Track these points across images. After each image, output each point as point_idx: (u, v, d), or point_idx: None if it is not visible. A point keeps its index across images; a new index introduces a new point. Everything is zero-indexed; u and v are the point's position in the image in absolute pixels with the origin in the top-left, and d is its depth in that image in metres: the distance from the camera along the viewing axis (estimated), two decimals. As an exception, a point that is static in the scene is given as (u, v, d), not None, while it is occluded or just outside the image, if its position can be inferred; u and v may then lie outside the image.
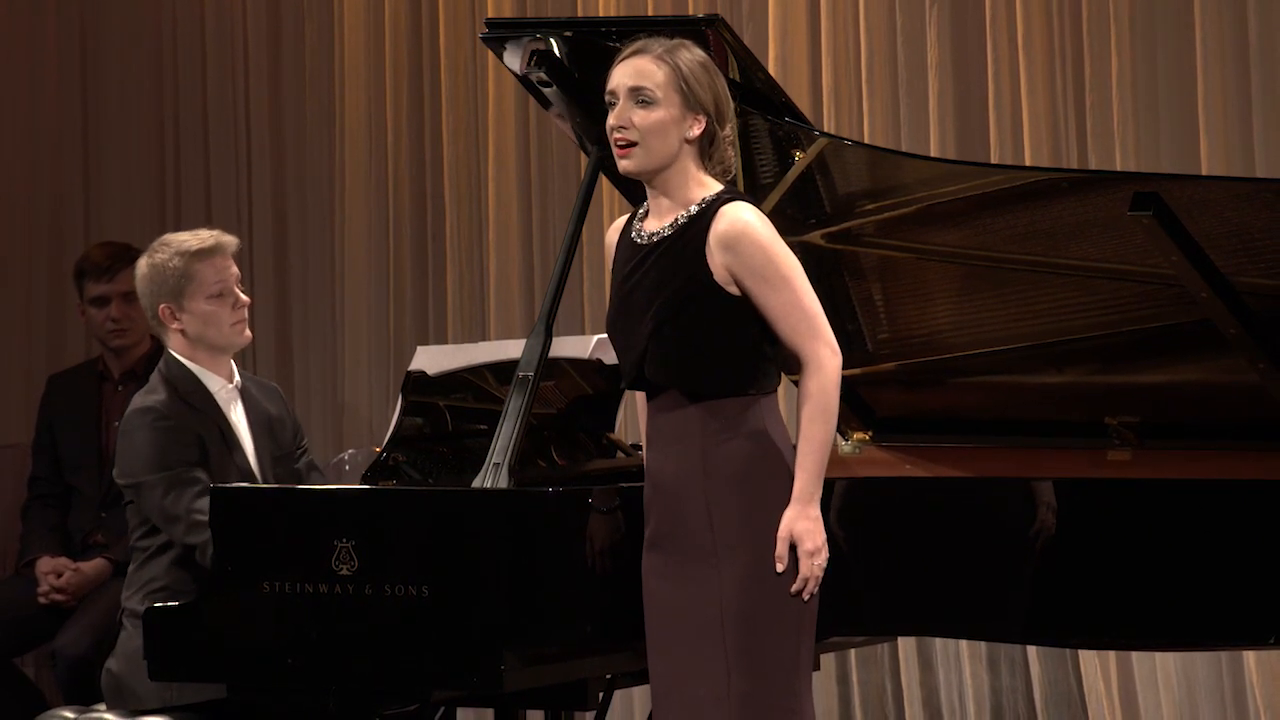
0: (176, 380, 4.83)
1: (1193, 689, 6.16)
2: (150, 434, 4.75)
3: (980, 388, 4.94)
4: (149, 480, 4.73)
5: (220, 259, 4.87)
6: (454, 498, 4.36)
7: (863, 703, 6.58)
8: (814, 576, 3.98)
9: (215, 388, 4.86)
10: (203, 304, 4.84)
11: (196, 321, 4.85)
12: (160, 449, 4.72)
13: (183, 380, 4.83)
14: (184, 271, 4.83)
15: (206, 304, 4.84)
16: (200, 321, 4.84)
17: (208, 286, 4.84)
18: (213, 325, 4.85)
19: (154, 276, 4.86)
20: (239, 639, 4.37)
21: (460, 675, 4.24)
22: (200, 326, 4.85)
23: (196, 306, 4.84)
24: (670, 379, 4.03)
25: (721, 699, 3.96)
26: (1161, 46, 6.21)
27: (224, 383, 4.88)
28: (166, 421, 4.75)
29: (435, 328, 7.24)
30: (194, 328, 4.85)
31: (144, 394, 4.84)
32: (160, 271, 4.85)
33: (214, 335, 4.85)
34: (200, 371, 4.85)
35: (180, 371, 4.84)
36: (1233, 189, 4.52)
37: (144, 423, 4.76)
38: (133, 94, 7.67)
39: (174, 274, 4.83)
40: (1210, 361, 4.58)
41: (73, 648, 5.78)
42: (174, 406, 4.78)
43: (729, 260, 3.98)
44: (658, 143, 4.01)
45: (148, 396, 4.82)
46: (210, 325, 4.85)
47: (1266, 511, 4.22)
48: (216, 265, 4.86)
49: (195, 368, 4.85)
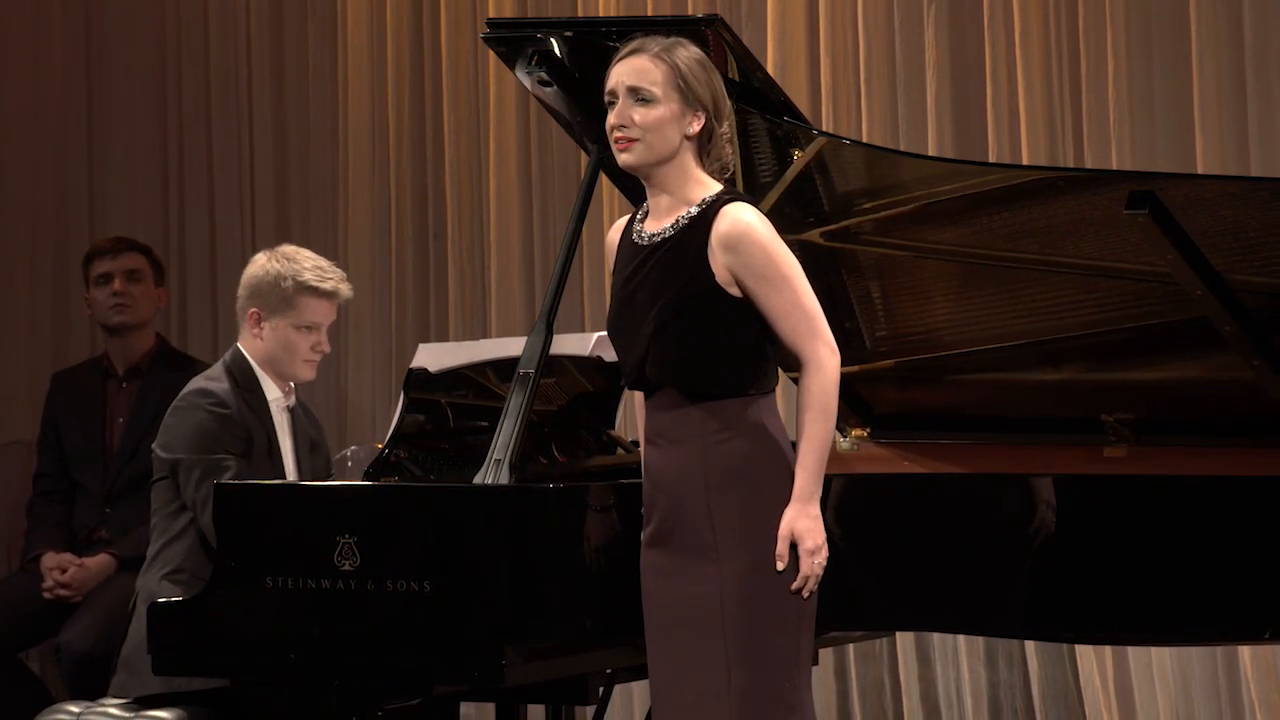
0: (239, 375, 4.90)
1: (1188, 684, 6.16)
2: (204, 416, 4.81)
3: (977, 385, 4.95)
4: (188, 460, 4.79)
5: (328, 303, 4.96)
6: (455, 494, 4.36)
7: (861, 697, 6.58)
8: (814, 574, 3.99)
9: (272, 396, 4.94)
10: (289, 331, 4.92)
11: (276, 341, 4.93)
12: (209, 433, 4.79)
13: (245, 377, 4.91)
14: (291, 296, 4.91)
15: (293, 332, 4.93)
16: (279, 344, 4.93)
17: (303, 319, 4.92)
18: (288, 352, 4.94)
19: (263, 280, 4.94)
20: (242, 633, 4.38)
21: (461, 670, 4.24)
22: (276, 348, 4.93)
23: (283, 329, 4.92)
24: (671, 379, 4.04)
25: (722, 695, 3.97)
26: (1157, 47, 6.22)
27: (280, 395, 4.95)
28: (223, 409, 4.82)
29: (437, 325, 7.25)
30: (270, 345, 4.94)
31: (205, 378, 4.91)
32: (271, 281, 4.93)
33: (284, 361, 4.94)
34: (262, 377, 4.94)
35: (245, 367, 4.93)
36: (1228, 188, 4.53)
37: (201, 404, 4.83)
38: (137, 94, 7.68)
39: (281, 292, 4.91)
40: (1205, 359, 4.59)
41: (77, 642, 5.79)
42: (234, 398, 4.85)
43: (730, 261, 3.99)
44: (658, 140, 4.02)
45: (210, 381, 4.88)
46: (286, 351, 4.93)
47: (1261, 508, 4.22)
48: (322, 308, 4.95)
49: (259, 372, 4.94)
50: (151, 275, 6.32)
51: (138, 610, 4.76)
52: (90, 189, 7.73)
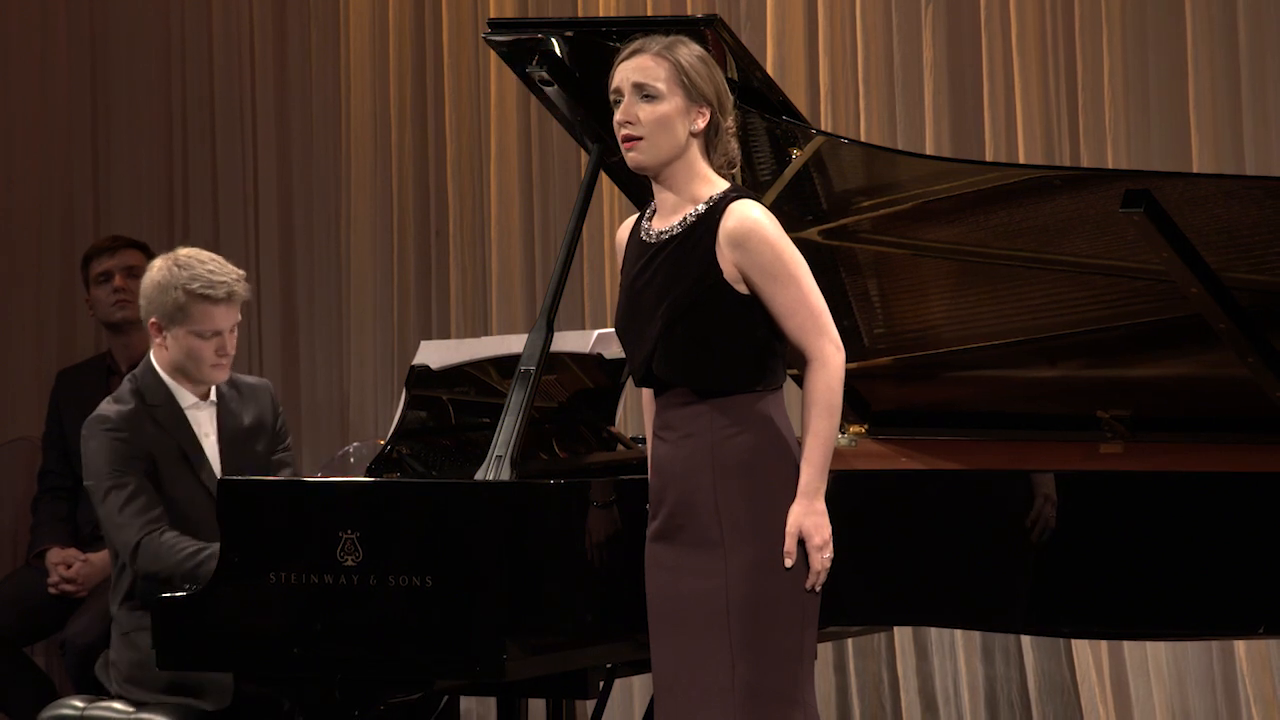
0: (146, 390, 4.89)
1: (1184, 678, 6.17)
2: (99, 442, 4.82)
3: (974, 381, 4.96)
4: (92, 486, 4.83)
5: (224, 309, 4.89)
6: (457, 490, 4.36)
7: (859, 691, 6.60)
8: (822, 569, 4.01)
9: (187, 403, 4.92)
10: (190, 339, 4.89)
11: (179, 350, 4.90)
12: (108, 458, 4.80)
13: (153, 391, 4.89)
14: (184, 305, 4.87)
15: (194, 340, 4.88)
16: (182, 352, 4.90)
17: (199, 327, 4.88)
18: (193, 360, 4.90)
19: (160, 289, 4.91)
20: (245, 628, 4.38)
21: (463, 664, 4.25)
22: (180, 356, 4.90)
23: (184, 338, 4.89)
24: (680, 376, 4.05)
25: (726, 689, 3.98)
26: (1153, 47, 6.23)
27: (196, 399, 4.93)
28: (119, 433, 4.82)
29: (438, 323, 7.26)
30: (175, 354, 4.90)
31: (110, 400, 4.91)
32: (165, 291, 4.89)
33: (190, 368, 4.91)
34: (174, 385, 4.92)
35: (153, 381, 4.90)
36: (1222, 186, 4.54)
37: (97, 430, 4.84)
38: (141, 94, 7.69)
39: (175, 301, 4.88)
40: (1200, 356, 4.61)
41: (82, 637, 5.80)
42: (132, 419, 4.84)
43: (738, 257, 4.00)
44: (664, 136, 4.03)
45: (110, 405, 4.88)
46: (190, 359, 4.90)
47: (1256, 504, 4.24)
48: (219, 314, 4.89)
49: (170, 381, 4.91)
50: None
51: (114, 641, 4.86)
52: (95, 189, 7.75)
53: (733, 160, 4.12)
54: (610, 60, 4.12)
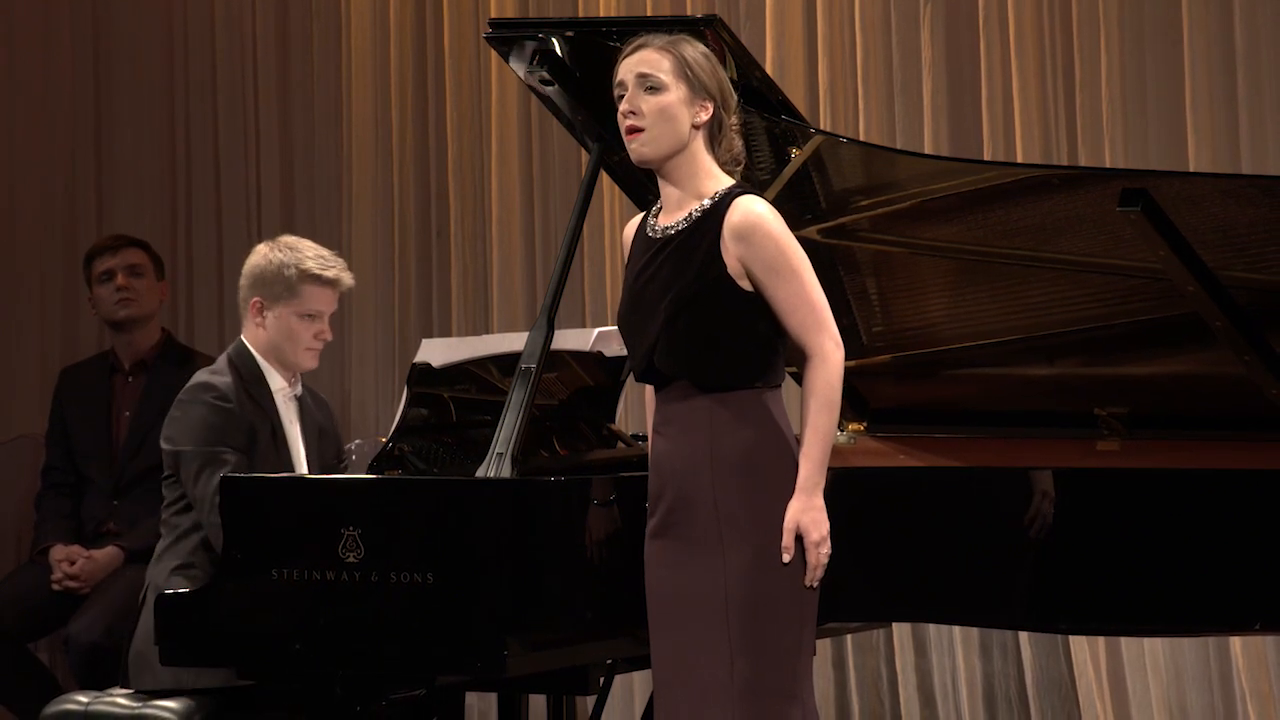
0: (242, 368, 4.91)
1: (1180, 674, 6.18)
2: (206, 409, 4.82)
3: (972, 379, 4.97)
4: (189, 452, 4.81)
5: (331, 291, 4.96)
6: (458, 487, 4.38)
7: (858, 687, 6.60)
8: (820, 565, 4.02)
9: (276, 386, 4.95)
10: (292, 319, 4.93)
11: (279, 330, 4.94)
12: (211, 427, 4.80)
13: (248, 370, 4.92)
14: (294, 284, 4.92)
15: (296, 321, 4.93)
16: (282, 332, 4.94)
17: (306, 308, 4.93)
18: (291, 340, 4.94)
19: (266, 269, 4.94)
20: (248, 625, 4.39)
21: (464, 660, 4.26)
22: (279, 336, 4.94)
23: (286, 318, 4.93)
24: (681, 370, 4.06)
25: (725, 684, 3.99)
26: (1150, 46, 6.23)
27: (285, 386, 4.96)
28: (225, 403, 4.83)
29: (439, 321, 7.27)
30: (274, 334, 4.94)
31: (209, 371, 4.91)
32: (275, 270, 4.93)
33: (287, 349, 4.94)
34: (266, 368, 4.95)
35: (248, 360, 4.93)
36: (1219, 185, 4.54)
37: (203, 398, 4.84)
38: (144, 94, 7.70)
39: (284, 280, 4.92)
40: (1197, 354, 4.62)
41: (85, 634, 5.80)
42: (237, 392, 4.86)
43: (742, 251, 4.01)
44: (667, 127, 4.05)
45: (213, 375, 4.89)
46: (289, 339, 4.94)
47: (1253, 501, 4.25)
48: (325, 296, 4.96)
49: (263, 363, 4.94)
50: (153, 269, 6.35)
51: (147, 602, 4.77)
52: (98, 187, 7.76)
53: (738, 158, 4.13)
54: (611, 60, 4.14)
